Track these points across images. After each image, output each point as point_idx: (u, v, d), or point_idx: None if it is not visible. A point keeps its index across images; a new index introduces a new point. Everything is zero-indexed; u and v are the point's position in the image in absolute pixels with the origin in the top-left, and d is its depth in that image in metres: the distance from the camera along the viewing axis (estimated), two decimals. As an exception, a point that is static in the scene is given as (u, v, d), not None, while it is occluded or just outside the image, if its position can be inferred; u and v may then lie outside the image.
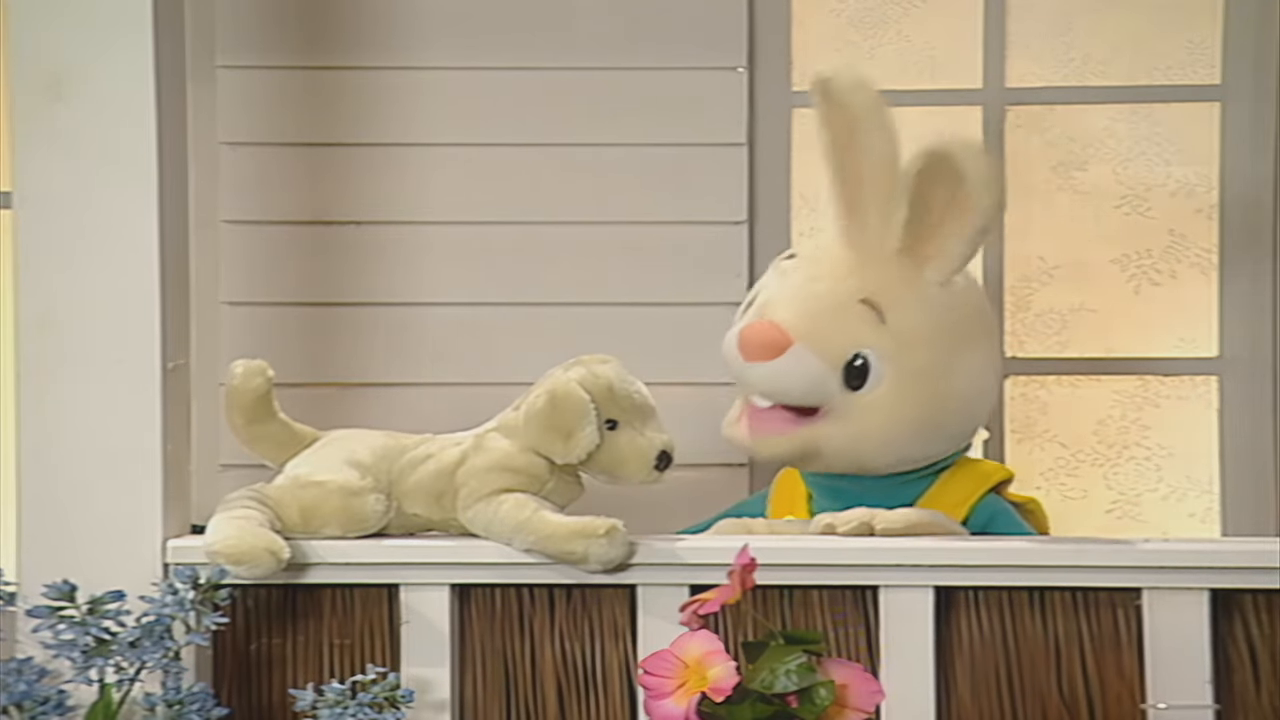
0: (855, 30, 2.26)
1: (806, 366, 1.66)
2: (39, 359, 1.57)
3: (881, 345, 1.67)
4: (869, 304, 1.68)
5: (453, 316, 2.19)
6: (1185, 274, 2.21)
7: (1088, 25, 2.21)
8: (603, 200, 2.18)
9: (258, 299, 2.19)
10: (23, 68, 1.57)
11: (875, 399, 1.67)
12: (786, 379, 1.66)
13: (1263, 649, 1.51)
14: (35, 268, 1.57)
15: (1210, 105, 2.17)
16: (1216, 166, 2.17)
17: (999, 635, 1.54)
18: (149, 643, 1.42)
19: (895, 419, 1.68)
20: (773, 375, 1.66)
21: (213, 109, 2.16)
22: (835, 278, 1.71)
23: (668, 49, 2.16)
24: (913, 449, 1.70)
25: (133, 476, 1.56)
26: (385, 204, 2.19)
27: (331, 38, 2.18)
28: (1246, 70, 2.14)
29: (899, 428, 1.69)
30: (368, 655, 1.59)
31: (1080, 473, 2.19)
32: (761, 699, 1.31)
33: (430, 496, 1.60)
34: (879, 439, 1.69)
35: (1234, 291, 2.15)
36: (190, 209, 1.67)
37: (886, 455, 1.70)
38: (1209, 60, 2.16)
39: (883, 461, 1.71)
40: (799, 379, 1.66)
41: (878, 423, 1.68)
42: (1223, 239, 2.17)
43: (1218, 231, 2.17)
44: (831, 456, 1.69)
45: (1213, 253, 2.18)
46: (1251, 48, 2.13)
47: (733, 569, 1.36)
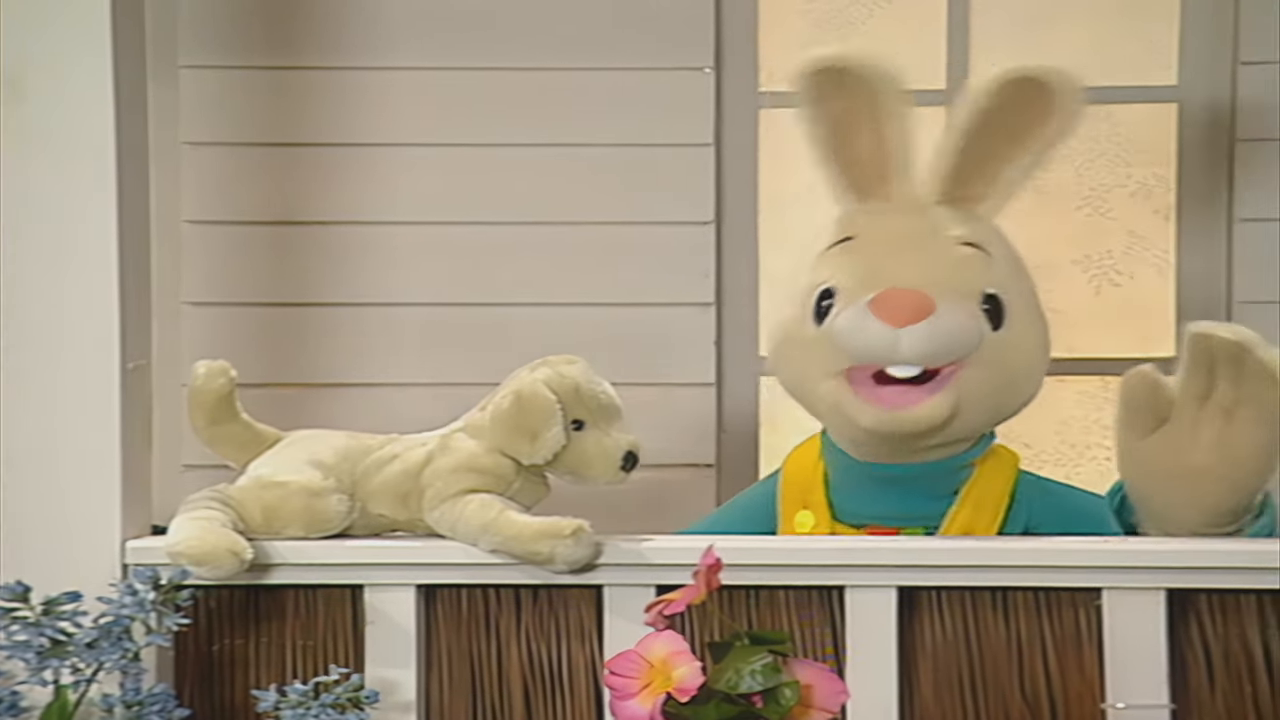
0: (822, 31, 2.27)
1: (961, 316, 1.62)
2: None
3: (999, 279, 1.66)
4: (971, 244, 1.67)
5: (418, 317, 2.19)
6: (1144, 274, 2.24)
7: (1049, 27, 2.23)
8: (569, 200, 2.18)
9: (221, 299, 2.18)
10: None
11: (1014, 334, 1.66)
12: (946, 334, 1.60)
13: (1216, 649, 1.53)
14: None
15: (1167, 106, 2.19)
16: (1173, 168, 2.20)
17: (962, 635, 1.55)
18: (107, 644, 1.42)
19: (1033, 347, 1.68)
20: (931, 334, 1.59)
21: (175, 109, 2.15)
22: (921, 234, 1.67)
23: (635, 49, 2.16)
24: (1036, 383, 1.69)
25: (91, 477, 1.55)
26: (350, 204, 2.18)
27: (295, 37, 2.17)
28: (1202, 71, 2.17)
29: (1037, 356, 1.68)
30: (331, 656, 1.58)
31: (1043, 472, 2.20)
32: (726, 699, 1.31)
33: (396, 497, 1.60)
34: (1024, 372, 1.67)
35: (1189, 293, 2.18)
36: (152, 209, 1.66)
37: (1029, 389, 1.68)
38: (1166, 61, 2.19)
39: (1020, 400, 1.68)
40: (959, 330, 1.61)
41: (1023, 355, 1.67)
42: (1179, 240, 2.19)
43: (1174, 232, 2.20)
44: (971, 410, 1.63)
45: (1170, 253, 2.21)
46: (1207, 49, 2.16)
47: (698, 569, 1.36)
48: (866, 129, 1.69)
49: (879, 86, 1.68)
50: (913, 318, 1.58)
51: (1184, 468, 1.58)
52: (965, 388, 1.62)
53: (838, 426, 1.70)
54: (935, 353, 1.60)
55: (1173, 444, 1.59)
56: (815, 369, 1.67)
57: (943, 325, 1.60)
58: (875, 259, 1.66)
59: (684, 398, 2.17)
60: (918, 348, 1.59)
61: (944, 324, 1.60)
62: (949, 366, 1.62)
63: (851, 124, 1.70)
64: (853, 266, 1.67)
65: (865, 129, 1.70)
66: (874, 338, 1.60)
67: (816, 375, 1.67)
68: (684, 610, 1.37)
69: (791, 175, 2.26)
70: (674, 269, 2.18)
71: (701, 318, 2.18)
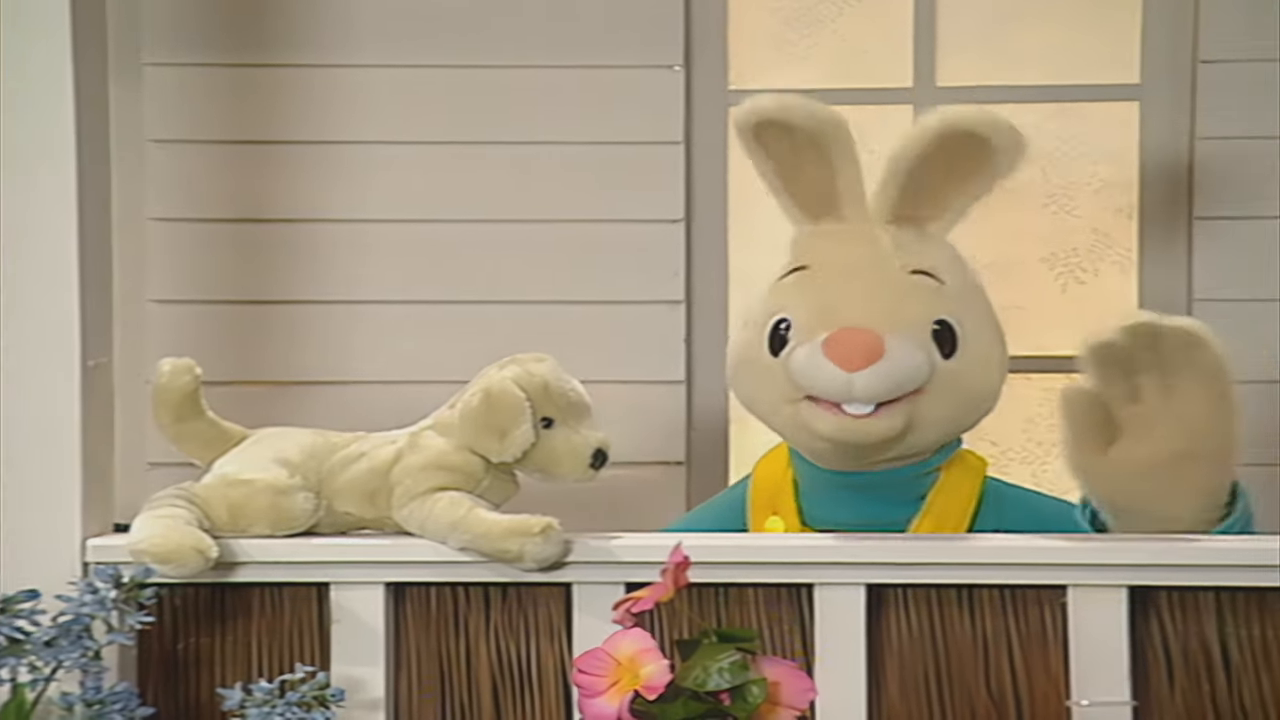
0: (791, 29, 2.28)
1: (910, 354, 1.62)
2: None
3: (950, 306, 1.67)
4: (921, 272, 1.67)
5: (386, 315, 2.18)
6: (1107, 272, 2.25)
7: (1015, 25, 2.24)
8: (538, 198, 2.17)
9: (187, 297, 2.16)
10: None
11: (966, 361, 1.66)
12: (897, 374, 1.61)
13: (1175, 646, 1.54)
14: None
15: (1129, 105, 2.21)
16: (1136, 166, 2.21)
17: (928, 633, 1.55)
18: (66, 642, 1.40)
19: (987, 370, 1.68)
20: (884, 375, 1.60)
21: (140, 106, 2.13)
22: (872, 264, 1.68)
23: (604, 47, 2.16)
24: (993, 400, 1.70)
25: (50, 476, 1.54)
26: (317, 202, 2.17)
27: (261, 35, 2.16)
28: (1163, 70, 2.18)
29: (993, 377, 1.69)
30: (297, 654, 1.57)
31: (1009, 470, 2.22)
32: (694, 697, 1.31)
33: (363, 495, 1.59)
34: (979, 394, 1.68)
35: (1151, 290, 2.20)
36: (116, 207, 1.65)
37: (985, 406, 1.70)
38: (1129, 60, 2.20)
39: (976, 417, 1.70)
40: (909, 370, 1.62)
41: (976, 380, 1.67)
42: (1141, 238, 2.21)
43: (1136, 230, 2.22)
44: (925, 429, 1.65)
45: (1133, 251, 2.23)
46: (1168, 48, 2.18)
47: (666, 567, 1.36)
48: (813, 164, 1.70)
49: (821, 129, 1.68)
50: (864, 362, 1.60)
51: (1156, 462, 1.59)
52: (919, 410, 1.65)
53: (799, 441, 1.72)
54: (888, 391, 1.63)
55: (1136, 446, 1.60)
56: (775, 395, 1.69)
57: (894, 368, 1.62)
58: (827, 292, 1.68)
59: (654, 395, 2.18)
60: (870, 390, 1.62)
61: (895, 366, 1.62)
62: (904, 397, 1.65)
63: (798, 162, 1.71)
64: (806, 299, 1.69)
65: (812, 164, 1.70)
66: (829, 380, 1.62)
67: (776, 400, 1.69)
68: (652, 608, 1.37)
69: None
70: (644, 267, 2.18)
71: (671, 315, 2.18)
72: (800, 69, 2.26)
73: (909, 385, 1.64)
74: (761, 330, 1.71)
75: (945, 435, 1.70)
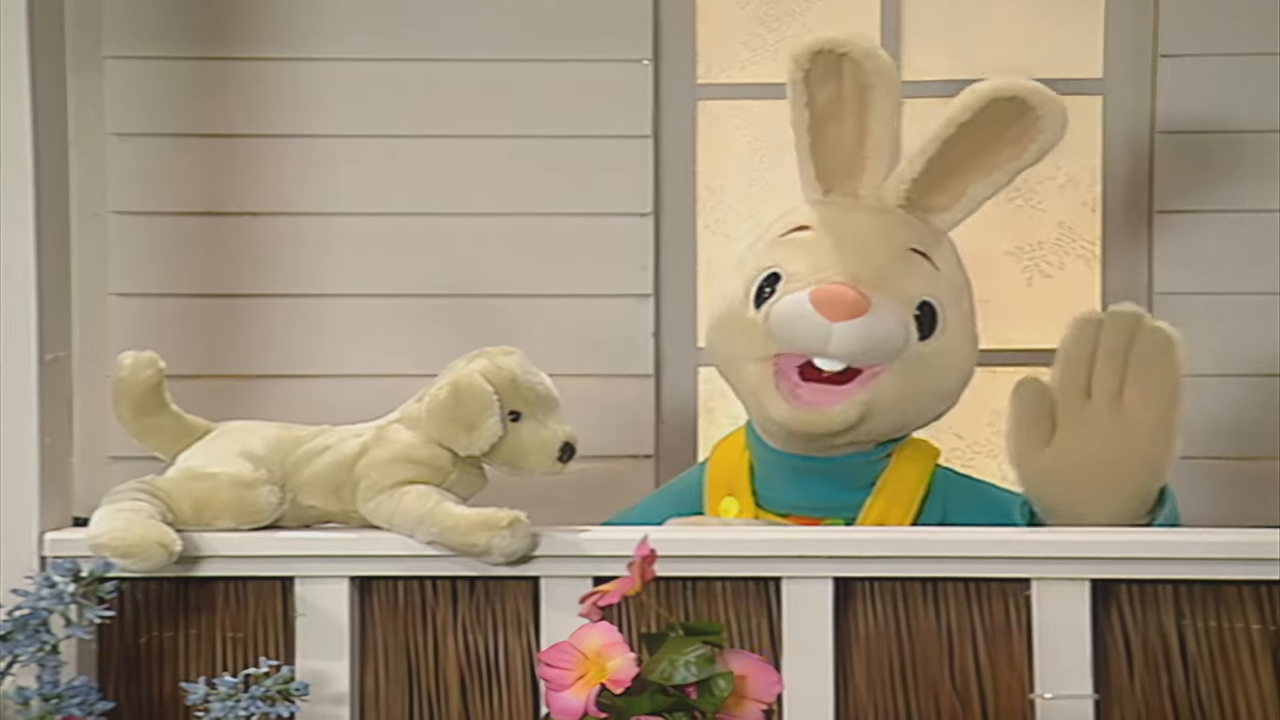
0: (760, 23, 2.28)
1: (894, 318, 1.63)
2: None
3: (939, 291, 1.68)
4: (919, 252, 1.68)
5: (353, 308, 2.16)
6: (1072, 266, 2.27)
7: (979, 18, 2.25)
8: (507, 192, 2.16)
9: (149, 290, 2.14)
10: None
11: (939, 347, 1.67)
12: (876, 334, 1.62)
13: (1135, 638, 1.55)
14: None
15: (1093, 99, 2.22)
16: (1099, 160, 2.23)
17: (893, 625, 1.56)
18: (22, 636, 1.40)
19: (955, 366, 1.69)
20: (863, 333, 1.61)
21: (101, 100, 2.11)
22: (875, 231, 1.68)
23: (572, 40, 2.15)
24: (948, 403, 1.70)
25: (8, 469, 1.53)
26: (281, 196, 2.15)
27: (224, 28, 2.14)
28: (1125, 64, 2.20)
29: (955, 376, 1.69)
30: (262, 648, 1.57)
31: (975, 464, 2.23)
32: (661, 690, 1.31)
33: (328, 488, 1.59)
34: (939, 390, 1.69)
35: (1114, 284, 2.21)
36: (77, 200, 1.64)
37: (939, 406, 1.70)
38: (1092, 54, 2.22)
39: (930, 416, 1.70)
40: (888, 333, 1.63)
41: (941, 372, 1.68)
42: (1104, 231, 2.23)
43: (1100, 224, 2.23)
44: (879, 418, 1.65)
45: (1095, 245, 2.24)
46: (1130, 42, 2.19)
47: (632, 561, 1.36)
48: (851, 120, 1.71)
49: (873, 79, 1.68)
50: (849, 314, 1.61)
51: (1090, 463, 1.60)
52: (878, 393, 1.65)
53: (754, 412, 1.74)
54: (864, 351, 1.63)
55: (1073, 445, 1.61)
56: (746, 350, 1.70)
57: (875, 327, 1.62)
58: (824, 251, 1.68)
59: (622, 389, 2.17)
60: (846, 346, 1.62)
61: (876, 325, 1.62)
62: (871, 368, 1.65)
63: (837, 113, 1.71)
64: (802, 255, 1.69)
65: (850, 120, 1.71)
66: (809, 327, 1.63)
67: (745, 356, 1.70)
68: (619, 602, 1.37)
69: (730, 168, 2.27)
70: (612, 260, 2.17)
71: (640, 309, 2.18)
72: (769, 62, 2.26)
73: (883, 353, 1.64)
74: (750, 283, 1.72)
75: (896, 426, 1.71)
